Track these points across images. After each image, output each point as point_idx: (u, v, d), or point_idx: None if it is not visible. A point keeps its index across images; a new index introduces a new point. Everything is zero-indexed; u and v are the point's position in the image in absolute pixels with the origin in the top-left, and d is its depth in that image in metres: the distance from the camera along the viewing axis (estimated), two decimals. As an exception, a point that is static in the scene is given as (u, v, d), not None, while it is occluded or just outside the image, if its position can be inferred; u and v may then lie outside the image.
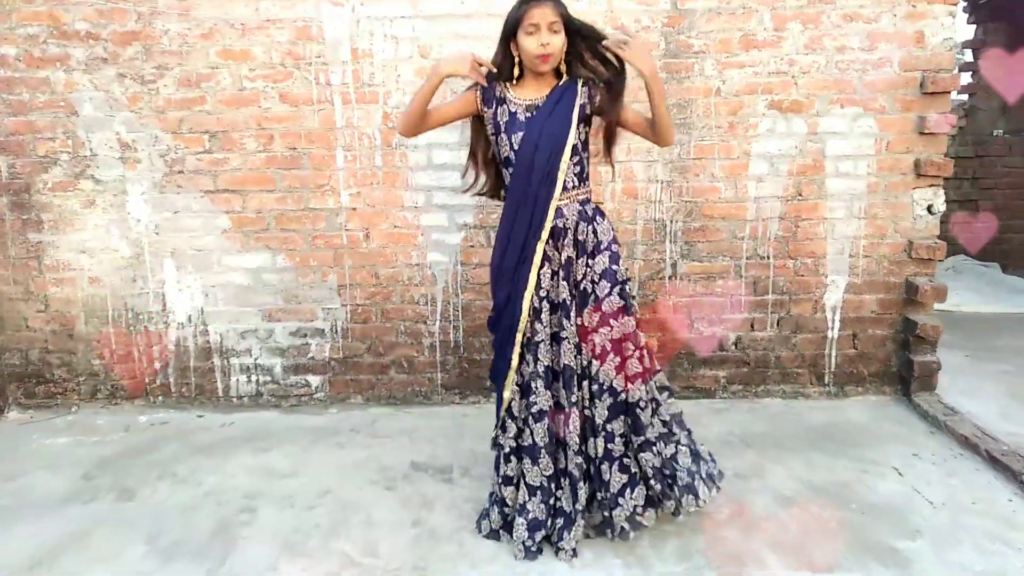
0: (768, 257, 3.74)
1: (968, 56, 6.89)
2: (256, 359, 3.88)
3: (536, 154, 2.37)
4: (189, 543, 2.61)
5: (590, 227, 2.46)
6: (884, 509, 2.73)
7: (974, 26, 6.79)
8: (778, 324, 3.81)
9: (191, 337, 3.85)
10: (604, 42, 2.33)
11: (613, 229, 2.54)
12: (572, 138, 2.38)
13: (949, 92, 3.56)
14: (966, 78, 6.85)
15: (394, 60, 3.57)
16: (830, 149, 3.63)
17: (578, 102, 2.40)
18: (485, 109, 2.49)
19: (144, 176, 3.69)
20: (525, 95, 2.44)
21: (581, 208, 2.46)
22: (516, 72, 2.42)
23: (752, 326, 3.81)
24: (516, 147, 2.40)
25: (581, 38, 2.40)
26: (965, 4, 6.63)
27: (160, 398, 3.91)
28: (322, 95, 3.61)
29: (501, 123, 2.44)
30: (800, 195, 3.68)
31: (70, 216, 3.72)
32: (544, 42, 2.30)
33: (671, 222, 3.71)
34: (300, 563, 2.47)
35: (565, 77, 2.46)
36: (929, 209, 3.68)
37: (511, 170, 2.44)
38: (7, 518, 2.81)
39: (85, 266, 3.78)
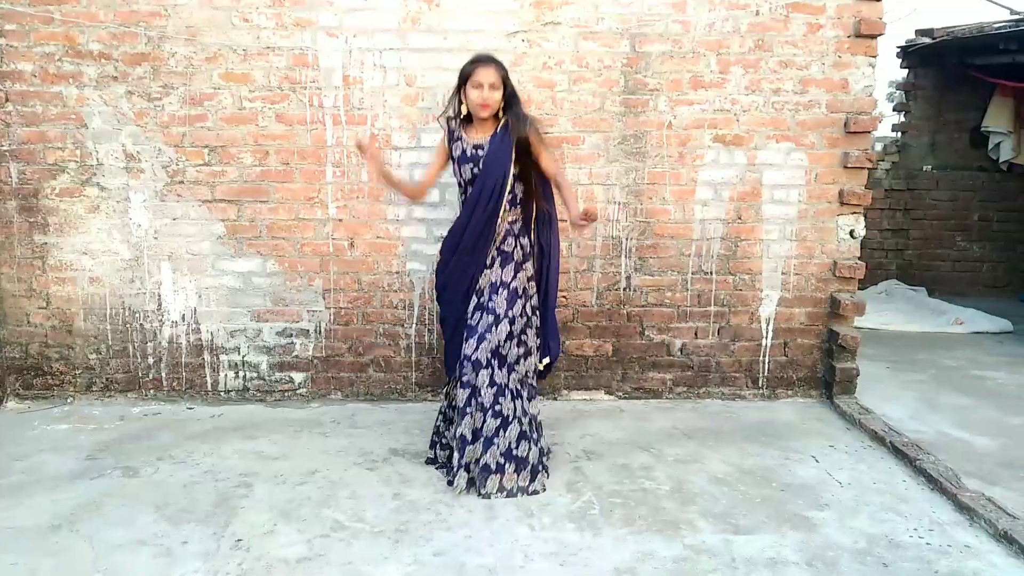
0: (711, 273, 4.20)
1: (901, 97, 7.52)
2: (244, 356, 4.20)
3: (484, 181, 3.08)
4: (194, 511, 2.94)
5: (516, 241, 3.20)
6: (800, 487, 3.18)
7: (906, 70, 7.44)
8: (718, 333, 4.26)
9: (183, 335, 4.17)
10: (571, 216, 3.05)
11: (532, 245, 3.26)
12: (511, 170, 3.09)
13: (869, 132, 4.08)
14: (899, 118, 7.49)
15: (382, 87, 3.97)
16: (766, 179, 4.12)
17: (513, 140, 3.07)
18: (450, 146, 3.21)
19: (146, 185, 4.02)
20: (472, 136, 3.15)
21: (508, 227, 3.18)
22: (463, 112, 3.13)
23: (696, 334, 4.26)
24: (464, 176, 3.16)
25: (514, 98, 3.12)
26: (898, 50, 7.26)
27: (152, 391, 4.21)
28: (315, 116, 3.99)
29: (455, 156, 3.18)
30: (740, 218, 4.15)
31: (75, 220, 4.02)
32: (485, 96, 3.01)
33: (626, 239, 4.15)
34: (295, 526, 2.81)
35: (502, 120, 3.12)
36: (851, 233, 4.18)
37: (466, 191, 3.19)
38: (24, 490, 3.11)
39: (86, 267, 4.07)
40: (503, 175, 3.08)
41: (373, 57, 3.95)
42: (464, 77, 3.07)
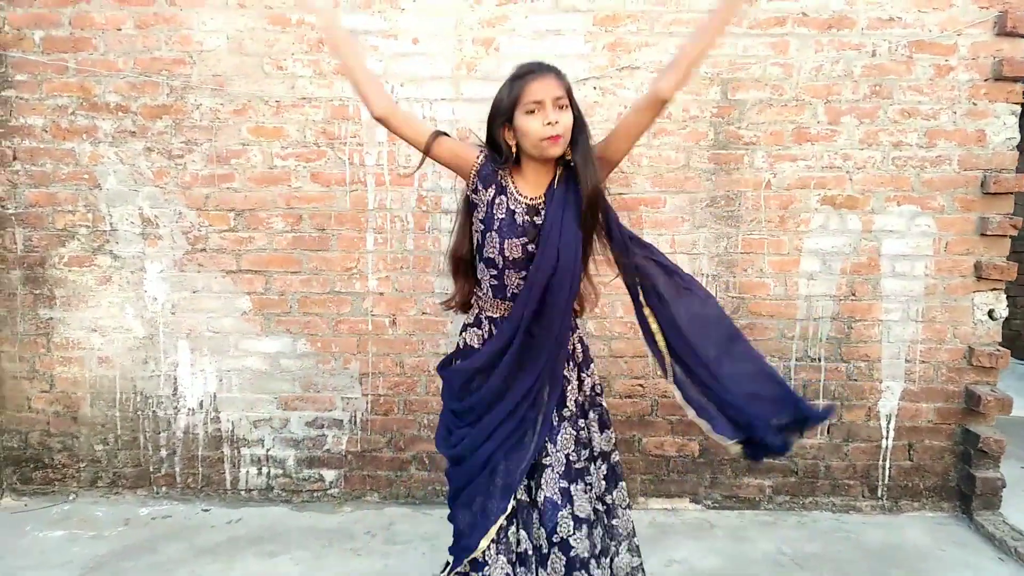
0: (819, 359, 3.51)
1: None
2: (268, 450, 3.63)
3: (547, 265, 1.97)
4: (188, 671, 2.33)
5: (579, 340, 2.23)
6: (968, 659, 2.44)
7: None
8: (829, 431, 3.55)
9: (201, 424, 3.62)
10: None
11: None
12: (580, 244, 2.02)
13: (1012, 193, 3.39)
14: None
15: (431, 142, 3.44)
16: (886, 248, 3.45)
17: (584, 194, 1.98)
18: (480, 187, 2.04)
19: (164, 253, 3.53)
20: (526, 191, 2.03)
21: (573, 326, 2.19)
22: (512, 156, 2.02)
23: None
24: (510, 253, 2.02)
25: (581, 126, 2.00)
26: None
27: (164, 488, 3.66)
28: (355, 176, 3.47)
29: (496, 217, 2.02)
30: (854, 295, 3.48)
31: (84, 292, 3.55)
32: (551, 120, 1.90)
33: (716, 319, 3.50)
34: None
35: (560, 165, 2.04)
36: (991, 314, 3.47)
37: (503, 274, 2.05)
38: (-11, 631, 2.55)
39: (95, 345, 3.58)
40: (575, 254, 1.99)
41: (423, 108, 3.43)
42: (510, 103, 1.95)
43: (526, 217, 2.01)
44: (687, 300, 2.11)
